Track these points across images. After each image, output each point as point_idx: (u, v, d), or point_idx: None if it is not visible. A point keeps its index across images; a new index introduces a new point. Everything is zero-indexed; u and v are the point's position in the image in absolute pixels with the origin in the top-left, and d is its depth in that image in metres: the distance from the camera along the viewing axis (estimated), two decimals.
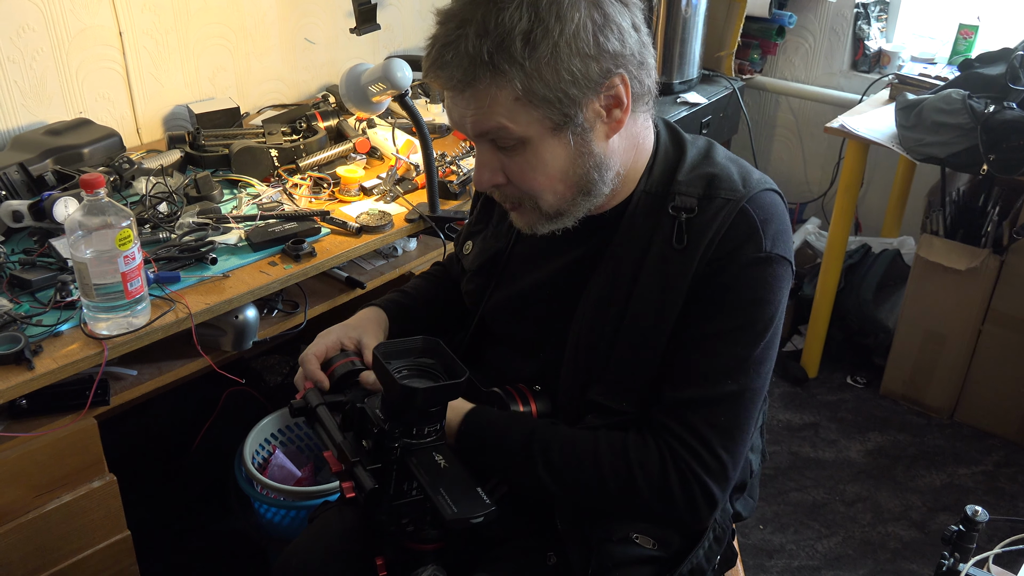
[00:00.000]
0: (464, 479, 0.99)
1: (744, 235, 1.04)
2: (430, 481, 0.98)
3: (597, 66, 0.98)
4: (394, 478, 1.02)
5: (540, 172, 1.04)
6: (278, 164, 1.94)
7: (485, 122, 1.01)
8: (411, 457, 1.01)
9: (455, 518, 0.93)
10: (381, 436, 1.01)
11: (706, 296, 1.04)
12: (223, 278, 1.61)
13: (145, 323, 1.46)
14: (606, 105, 1.02)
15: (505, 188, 1.09)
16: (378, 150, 2.08)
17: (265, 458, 2.06)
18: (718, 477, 1.06)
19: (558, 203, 1.08)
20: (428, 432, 1.02)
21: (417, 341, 1.06)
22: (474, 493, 0.97)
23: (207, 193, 1.81)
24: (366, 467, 1.01)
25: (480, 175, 1.08)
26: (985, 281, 2.38)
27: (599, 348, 1.10)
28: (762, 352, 1.06)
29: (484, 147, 1.06)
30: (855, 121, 2.39)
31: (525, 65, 0.96)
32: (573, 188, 1.06)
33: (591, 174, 1.05)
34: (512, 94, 0.98)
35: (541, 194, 1.06)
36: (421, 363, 1.05)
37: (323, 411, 1.12)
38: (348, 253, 1.73)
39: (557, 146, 1.02)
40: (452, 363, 1.03)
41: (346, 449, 1.03)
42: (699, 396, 1.05)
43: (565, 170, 1.04)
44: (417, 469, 1.00)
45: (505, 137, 1.02)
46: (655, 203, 1.09)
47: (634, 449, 1.07)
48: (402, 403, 1.00)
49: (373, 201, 1.91)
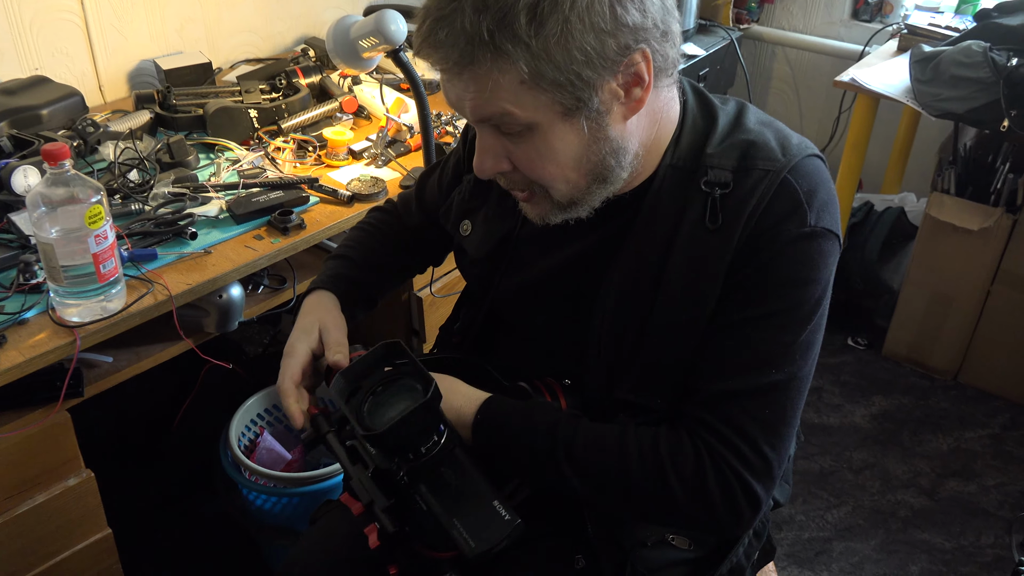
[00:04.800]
0: (478, 495, 0.88)
1: (787, 209, 0.92)
2: (442, 511, 0.87)
3: (614, 42, 0.84)
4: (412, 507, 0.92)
5: (550, 160, 0.91)
6: (258, 126, 1.78)
7: (486, 107, 0.88)
8: (419, 483, 0.89)
9: (476, 554, 0.82)
10: (380, 474, 0.90)
11: (746, 279, 0.93)
12: (204, 254, 1.47)
13: (121, 308, 1.32)
14: (624, 84, 0.88)
15: (511, 175, 0.96)
16: (365, 109, 1.92)
17: (252, 440, 1.94)
18: (762, 477, 0.94)
19: (571, 192, 0.95)
20: (428, 450, 0.90)
21: (378, 352, 0.93)
22: (491, 511, 0.86)
23: (181, 159, 1.65)
24: (383, 508, 0.89)
25: (482, 161, 0.95)
26: (997, 241, 2.29)
27: (624, 342, 0.99)
28: (809, 336, 0.96)
29: (486, 131, 0.93)
30: (866, 75, 2.27)
31: (531, 44, 0.82)
32: (587, 176, 0.94)
33: (607, 160, 0.93)
34: (516, 77, 0.84)
35: (552, 184, 0.94)
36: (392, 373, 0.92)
37: (333, 440, 1.00)
38: (340, 224, 1.59)
39: (568, 132, 0.89)
40: (420, 371, 0.90)
41: (357, 488, 0.91)
42: (740, 388, 0.94)
43: (578, 158, 0.92)
44: (427, 498, 0.88)
45: (510, 123, 0.89)
46: (683, 178, 0.96)
47: (667, 447, 0.95)
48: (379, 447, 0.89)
49: (363, 166, 1.76)
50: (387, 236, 1.31)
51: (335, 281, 1.21)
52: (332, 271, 1.24)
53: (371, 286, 1.27)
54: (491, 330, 1.21)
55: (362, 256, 1.27)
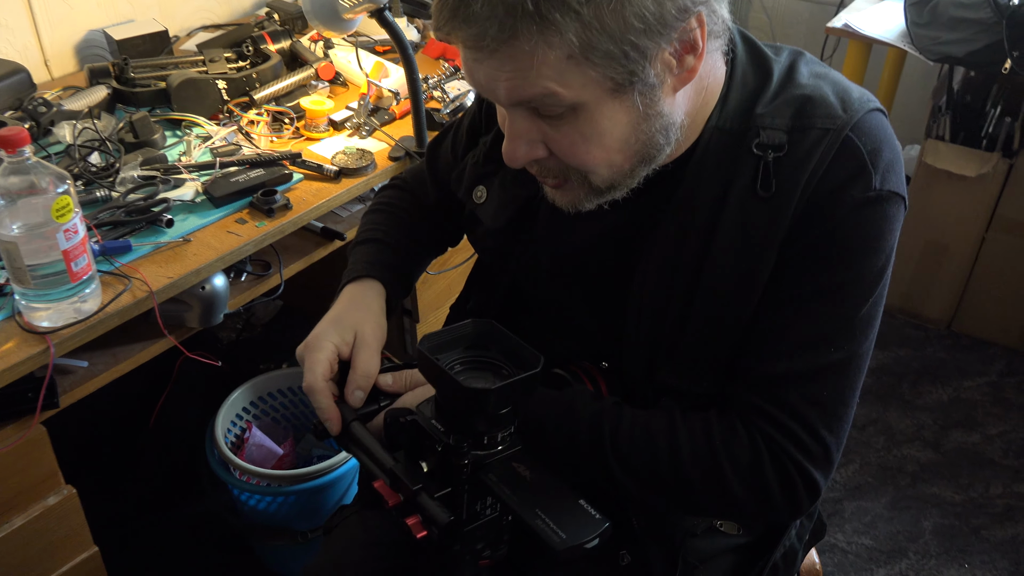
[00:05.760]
0: (559, 491, 0.78)
1: (850, 171, 0.83)
2: (520, 502, 0.77)
3: (673, 4, 0.74)
4: (466, 500, 0.81)
5: (595, 144, 0.81)
6: (228, 98, 1.63)
7: (526, 88, 0.76)
8: (487, 474, 0.80)
9: (567, 547, 0.73)
10: (447, 454, 0.79)
11: (803, 250, 0.84)
12: (184, 243, 1.33)
13: (96, 308, 1.19)
14: (677, 52, 0.78)
15: (546, 162, 0.85)
16: (341, 76, 1.78)
17: (238, 435, 1.82)
18: (822, 464, 0.87)
19: (613, 176, 0.85)
20: (502, 439, 0.81)
21: (467, 327, 0.83)
22: (578, 508, 0.76)
23: (147, 138, 1.50)
24: (433, 495, 0.79)
25: (514, 149, 0.83)
26: (993, 186, 2.25)
27: (667, 321, 0.90)
28: (870, 309, 0.87)
29: (520, 114, 0.81)
30: (859, 19, 2.18)
31: (582, 12, 0.71)
32: (633, 157, 0.83)
33: (655, 139, 0.83)
34: (565, 51, 0.73)
35: (595, 169, 0.83)
36: (475, 355, 0.83)
37: (359, 429, 0.89)
38: (328, 202, 1.46)
39: (618, 110, 0.79)
40: (518, 348, 0.81)
41: (403, 475, 0.81)
42: (797, 369, 0.85)
43: (625, 138, 0.81)
44: (499, 488, 0.78)
45: (551, 105, 0.78)
46: (731, 142, 0.86)
47: (720, 437, 0.87)
48: (468, 410, 0.78)
49: (346, 137, 1.63)
50: (408, 212, 1.18)
51: (378, 268, 1.07)
52: (368, 257, 1.09)
53: (409, 272, 1.15)
54: (511, 310, 1.10)
55: (394, 239, 1.13)
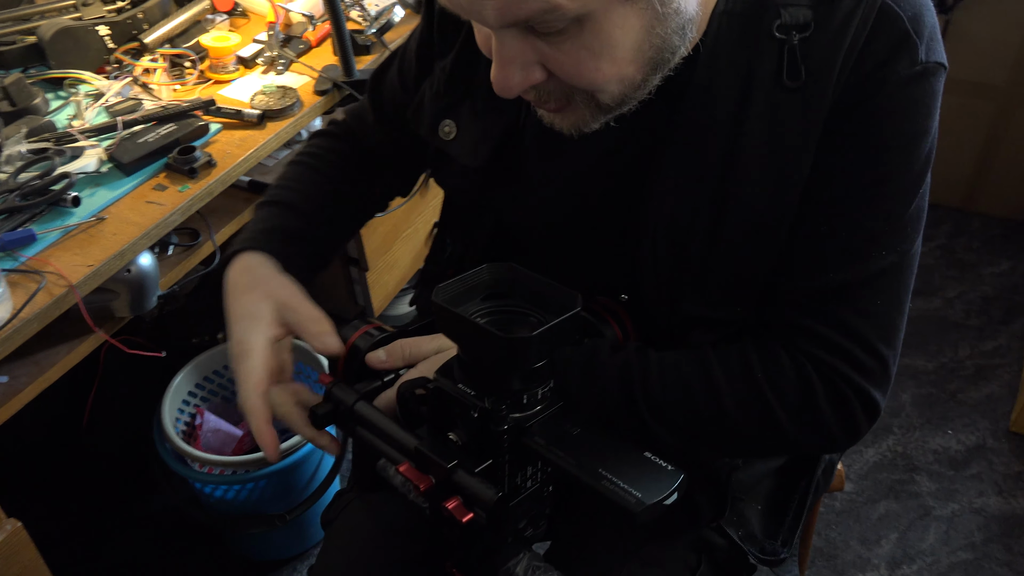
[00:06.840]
0: (619, 446, 0.66)
1: (893, 43, 0.70)
2: (579, 465, 0.65)
3: None
4: (507, 472, 0.69)
5: (605, 58, 0.66)
6: (113, 46, 1.40)
7: (521, 5, 0.61)
8: (532, 437, 0.67)
9: (645, 507, 0.61)
10: (484, 420, 0.67)
11: (845, 143, 0.72)
12: (97, 222, 1.14)
13: (9, 316, 1.00)
14: None
15: (545, 85, 0.70)
16: (240, 5, 1.56)
17: (188, 423, 1.65)
18: (880, 380, 0.77)
19: (624, 91, 0.71)
20: (542, 396, 0.69)
21: (482, 273, 0.70)
22: (645, 461, 0.65)
23: (26, 104, 1.27)
24: (472, 471, 0.67)
25: (508, 76, 0.68)
26: None
27: (690, 246, 0.77)
28: (920, 202, 0.77)
29: (511, 36, 0.66)
30: None
31: None
32: (647, 66, 0.69)
33: (671, 41, 0.68)
34: None
35: (604, 86, 0.69)
36: (494, 306, 0.70)
37: (366, 409, 0.75)
38: (256, 152, 1.27)
39: (629, 15, 0.64)
40: (548, 289, 0.68)
41: (433, 453, 0.68)
42: (847, 280, 0.75)
43: (638, 46, 0.67)
44: (550, 452, 0.66)
45: (552, 20, 0.63)
46: (746, 27, 0.73)
47: (762, 369, 0.76)
48: (506, 366, 0.66)
49: (260, 75, 1.43)
50: (335, 167, 1.00)
51: (269, 237, 0.90)
52: (263, 223, 0.92)
53: (320, 239, 0.96)
54: (501, 253, 0.96)
55: (303, 199, 0.96)
